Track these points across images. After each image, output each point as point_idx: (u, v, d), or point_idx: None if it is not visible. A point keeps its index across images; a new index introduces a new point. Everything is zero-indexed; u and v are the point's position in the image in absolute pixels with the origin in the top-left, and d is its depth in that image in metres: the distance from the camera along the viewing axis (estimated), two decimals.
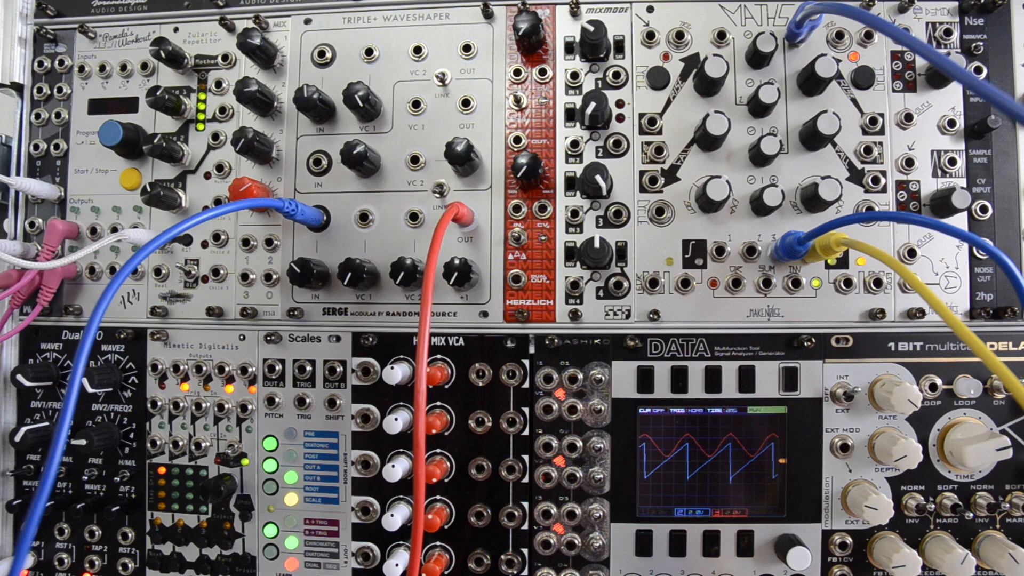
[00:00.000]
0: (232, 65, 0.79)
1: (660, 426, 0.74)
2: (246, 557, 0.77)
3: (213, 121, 0.79)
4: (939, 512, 0.71)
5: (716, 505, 0.73)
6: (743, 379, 0.73)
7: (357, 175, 0.76)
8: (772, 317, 0.73)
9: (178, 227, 0.54)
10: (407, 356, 0.75)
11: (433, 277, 0.61)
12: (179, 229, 0.54)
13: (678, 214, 0.74)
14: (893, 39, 0.66)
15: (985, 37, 0.74)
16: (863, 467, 0.72)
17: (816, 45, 0.75)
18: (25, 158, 0.81)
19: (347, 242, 0.76)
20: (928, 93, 0.74)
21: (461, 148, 0.70)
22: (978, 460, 0.67)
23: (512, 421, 0.74)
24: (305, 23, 0.79)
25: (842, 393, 0.71)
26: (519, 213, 0.75)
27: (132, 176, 0.79)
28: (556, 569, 0.74)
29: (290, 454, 0.76)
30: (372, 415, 0.74)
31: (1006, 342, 0.73)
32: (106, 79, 0.80)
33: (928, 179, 0.73)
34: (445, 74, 0.76)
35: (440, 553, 0.74)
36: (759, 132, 0.74)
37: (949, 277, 0.73)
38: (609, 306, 0.74)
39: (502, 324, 0.75)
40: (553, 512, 0.73)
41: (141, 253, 0.49)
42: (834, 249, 0.66)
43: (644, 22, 0.76)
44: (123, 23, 0.81)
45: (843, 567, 0.72)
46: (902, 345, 0.73)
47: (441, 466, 0.73)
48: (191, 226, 0.57)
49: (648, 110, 0.75)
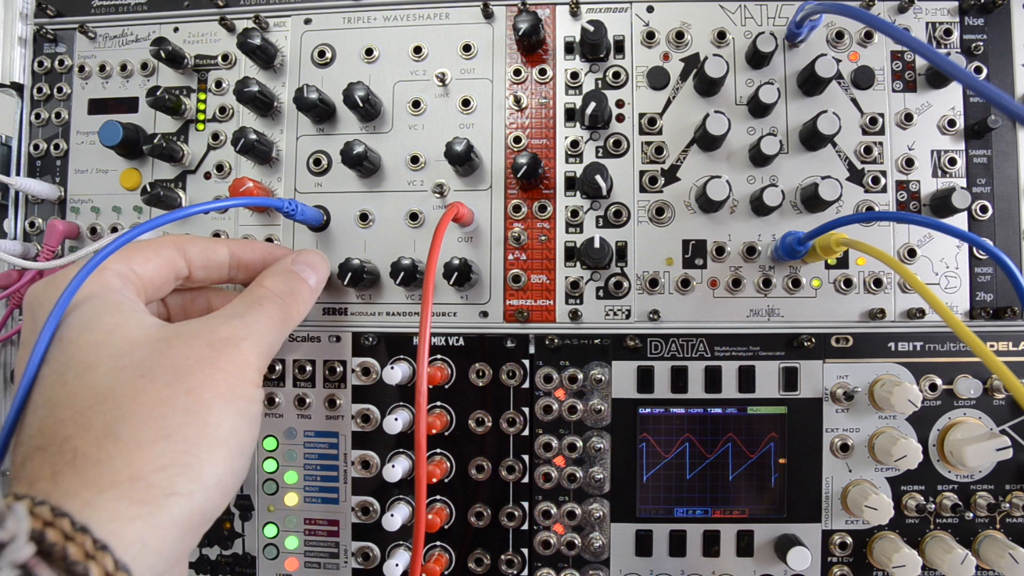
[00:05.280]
0: (232, 65, 0.79)
1: (660, 426, 0.74)
2: (246, 557, 0.77)
3: (213, 121, 0.79)
4: (939, 512, 0.72)
5: (716, 505, 0.73)
6: (743, 379, 0.73)
7: (357, 175, 0.76)
8: (772, 317, 0.73)
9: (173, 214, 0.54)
10: (407, 356, 0.75)
11: (433, 277, 0.61)
12: (174, 216, 0.55)
13: (678, 214, 0.74)
14: (893, 39, 0.66)
15: (985, 37, 0.74)
16: (863, 467, 0.72)
17: (816, 45, 0.75)
18: (25, 158, 0.81)
19: (347, 242, 0.76)
20: (928, 93, 0.74)
21: (461, 148, 0.70)
22: (978, 460, 0.67)
23: (512, 421, 0.74)
24: (305, 23, 0.79)
25: (842, 393, 0.71)
26: (519, 213, 0.75)
27: (132, 176, 0.79)
28: (556, 569, 0.74)
29: (290, 454, 0.76)
30: (372, 415, 0.74)
31: (1006, 342, 0.73)
32: (106, 79, 0.80)
33: (928, 179, 0.74)
34: (445, 74, 0.76)
35: (440, 553, 0.74)
36: (759, 132, 0.74)
37: (949, 277, 0.73)
38: (609, 306, 0.74)
39: (502, 324, 0.75)
40: (553, 512, 0.73)
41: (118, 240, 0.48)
42: (834, 249, 0.66)
43: (644, 22, 0.76)
44: (123, 23, 0.81)
45: (843, 567, 0.72)
46: (902, 345, 0.73)
47: (441, 466, 0.73)
48: (186, 215, 0.57)
49: (648, 110, 0.75)
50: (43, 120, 0.81)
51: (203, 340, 0.46)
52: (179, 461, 0.40)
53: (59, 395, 0.41)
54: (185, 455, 0.41)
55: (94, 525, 0.36)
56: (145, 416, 0.41)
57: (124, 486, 0.38)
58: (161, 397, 0.42)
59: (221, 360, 0.46)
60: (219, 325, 0.48)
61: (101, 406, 0.40)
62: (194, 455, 0.41)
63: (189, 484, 0.41)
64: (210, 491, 0.42)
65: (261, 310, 0.53)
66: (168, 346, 0.45)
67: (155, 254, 0.53)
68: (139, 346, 0.44)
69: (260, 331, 0.51)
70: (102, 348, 0.43)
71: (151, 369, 0.43)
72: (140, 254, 0.52)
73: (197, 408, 0.42)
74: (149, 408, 0.41)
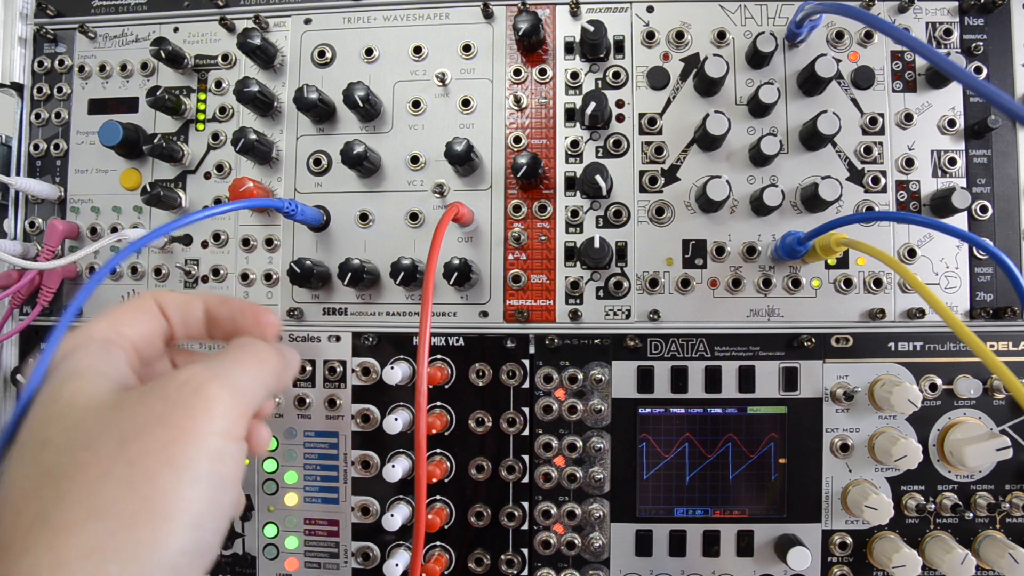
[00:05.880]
0: (232, 65, 0.79)
1: (660, 426, 0.74)
2: (246, 557, 0.77)
3: (213, 121, 0.79)
4: (939, 512, 0.72)
5: (716, 505, 0.73)
6: (743, 379, 0.73)
7: (357, 175, 0.76)
8: (772, 317, 0.73)
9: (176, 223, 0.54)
10: (407, 356, 0.75)
11: (433, 277, 0.61)
12: (176, 225, 0.54)
13: (678, 214, 0.74)
14: (893, 39, 0.66)
15: (985, 37, 0.74)
16: (863, 467, 0.72)
17: (816, 45, 0.75)
18: (25, 158, 0.81)
19: (347, 242, 0.76)
20: (928, 93, 0.74)
21: (461, 148, 0.70)
22: (978, 460, 0.67)
23: (512, 421, 0.74)
24: (305, 23, 0.79)
25: (842, 393, 0.71)
26: (519, 213, 0.75)
27: (132, 176, 0.79)
28: (556, 569, 0.74)
29: (290, 454, 0.76)
30: (372, 415, 0.74)
31: (1006, 342, 0.73)
32: (106, 79, 0.80)
33: (928, 179, 0.73)
34: (445, 74, 0.76)
35: (440, 553, 0.74)
36: (759, 132, 0.74)
37: (949, 277, 0.73)
38: (609, 306, 0.74)
39: (502, 324, 0.75)
40: (553, 512, 0.73)
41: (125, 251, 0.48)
42: (834, 249, 0.66)
43: (644, 22, 0.76)
44: (123, 23, 0.81)
45: (843, 567, 0.72)
46: (902, 345, 0.73)
47: (441, 466, 0.73)
48: (188, 223, 0.57)
49: (648, 110, 0.75)
50: (43, 120, 0.81)
51: (157, 395, 0.40)
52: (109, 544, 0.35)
53: (12, 477, 0.37)
54: (115, 536, 0.35)
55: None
56: (80, 494, 0.36)
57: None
58: (101, 470, 0.36)
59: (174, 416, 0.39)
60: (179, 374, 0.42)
61: (43, 487, 0.36)
62: (128, 534, 0.36)
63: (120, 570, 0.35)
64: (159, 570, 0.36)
65: (234, 354, 0.46)
66: (119, 411, 0.39)
67: (140, 311, 0.48)
68: (90, 415, 0.39)
69: (232, 372, 0.43)
70: (57, 422, 0.39)
71: (95, 440, 0.37)
72: (125, 315, 0.47)
73: (137, 480, 0.37)
74: (86, 485, 0.36)
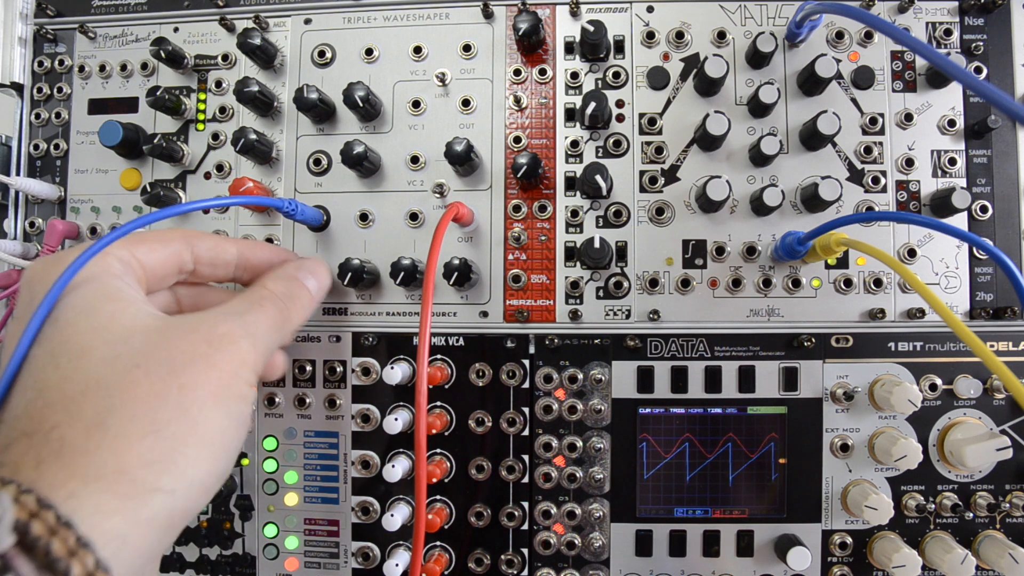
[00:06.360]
0: (232, 65, 0.79)
1: (660, 426, 0.74)
2: (246, 557, 0.77)
3: (213, 121, 0.79)
4: (939, 512, 0.72)
5: (716, 505, 0.73)
6: (743, 379, 0.73)
7: (357, 175, 0.76)
8: (772, 317, 0.73)
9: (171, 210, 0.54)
10: (407, 356, 0.75)
11: (433, 277, 0.61)
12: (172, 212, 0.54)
13: (678, 214, 0.74)
14: (893, 39, 0.66)
15: (985, 37, 0.74)
16: (863, 467, 0.72)
17: (816, 45, 0.75)
18: (25, 158, 0.81)
19: (347, 242, 0.76)
20: (928, 93, 0.74)
21: (461, 148, 0.70)
22: (978, 460, 0.67)
23: (512, 421, 0.74)
24: (305, 23, 0.79)
25: (842, 393, 0.71)
26: (519, 213, 0.75)
27: (132, 176, 0.79)
28: (556, 569, 0.74)
29: (290, 454, 0.76)
30: (372, 415, 0.74)
31: (1006, 342, 0.73)
32: (106, 79, 0.80)
33: (928, 179, 0.74)
34: (445, 74, 0.76)
35: (440, 553, 0.74)
36: (759, 132, 0.74)
37: (949, 277, 0.73)
38: (609, 306, 0.74)
39: (502, 324, 0.75)
40: (553, 512, 0.73)
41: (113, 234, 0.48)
42: (834, 249, 0.66)
43: (644, 22, 0.76)
44: (123, 23, 0.81)
45: (843, 567, 0.72)
46: (902, 345, 0.73)
47: (441, 466, 0.73)
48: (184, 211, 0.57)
49: (648, 110, 0.75)
50: (43, 120, 0.81)
51: (201, 335, 0.45)
52: (165, 458, 0.40)
53: (50, 379, 0.40)
54: (172, 452, 0.40)
55: (77, 519, 0.35)
56: (136, 409, 0.40)
57: (108, 479, 0.37)
58: (154, 390, 0.41)
59: (218, 357, 0.45)
60: (219, 322, 0.47)
61: (92, 394, 0.40)
62: (180, 452, 0.41)
63: (173, 482, 0.40)
64: (192, 490, 0.41)
65: (261, 310, 0.52)
66: (165, 338, 0.44)
67: (162, 244, 0.52)
68: (136, 336, 0.43)
69: (259, 331, 0.50)
70: (98, 334, 0.42)
71: (146, 361, 0.42)
72: (146, 243, 0.51)
73: (188, 405, 0.42)
74: (141, 401, 0.40)
